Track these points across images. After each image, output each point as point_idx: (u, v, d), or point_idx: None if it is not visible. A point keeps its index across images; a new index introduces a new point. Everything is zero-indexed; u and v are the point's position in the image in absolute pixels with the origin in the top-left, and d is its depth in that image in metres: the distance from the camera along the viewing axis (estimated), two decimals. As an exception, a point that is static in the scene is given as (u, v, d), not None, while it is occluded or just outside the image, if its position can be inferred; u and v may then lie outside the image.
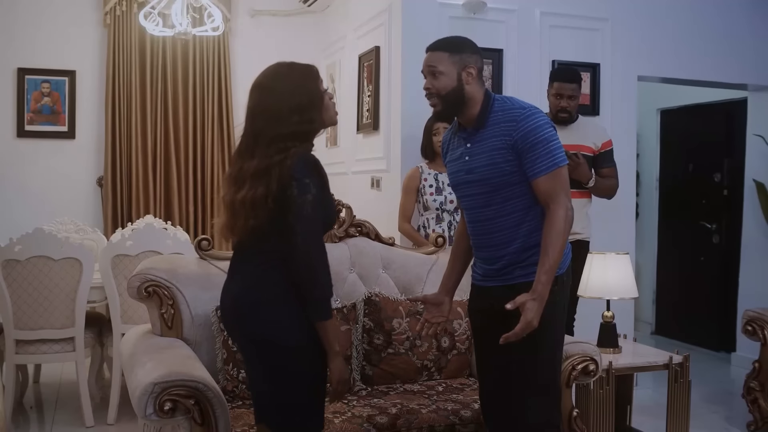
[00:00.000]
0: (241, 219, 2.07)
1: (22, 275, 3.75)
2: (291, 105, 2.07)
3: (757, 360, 3.84)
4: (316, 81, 2.15)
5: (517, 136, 2.22)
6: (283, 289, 2.07)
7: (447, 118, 2.37)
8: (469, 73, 2.29)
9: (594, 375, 2.80)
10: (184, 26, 4.79)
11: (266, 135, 2.06)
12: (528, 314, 2.13)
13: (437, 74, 2.30)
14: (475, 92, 2.31)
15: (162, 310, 2.80)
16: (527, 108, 2.28)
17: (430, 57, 2.34)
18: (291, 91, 2.09)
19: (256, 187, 2.03)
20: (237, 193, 2.07)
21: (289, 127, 2.06)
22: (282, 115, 2.06)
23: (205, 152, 5.93)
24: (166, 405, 2.21)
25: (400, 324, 3.03)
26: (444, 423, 2.67)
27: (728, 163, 5.94)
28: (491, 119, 2.28)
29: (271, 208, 2.02)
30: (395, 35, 4.41)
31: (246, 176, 2.06)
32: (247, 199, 2.04)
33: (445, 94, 2.30)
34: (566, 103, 3.74)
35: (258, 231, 2.07)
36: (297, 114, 2.06)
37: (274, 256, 2.07)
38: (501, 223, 2.29)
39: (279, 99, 2.08)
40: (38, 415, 4.21)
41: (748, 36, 5.02)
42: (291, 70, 2.14)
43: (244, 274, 2.14)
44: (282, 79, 2.12)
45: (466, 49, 2.33)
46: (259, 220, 2.04)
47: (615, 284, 3.35)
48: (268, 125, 2.07)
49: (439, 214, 3.85)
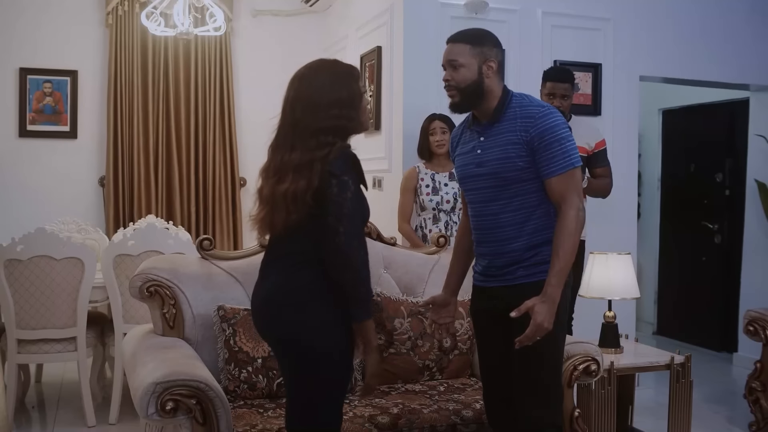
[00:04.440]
0: (282, 212, 2.04)
1: (24, 275, 3.75)
2: (331, 98, 2.05)
3: (759, 360, 3.84)
4: (357, 81, 2.14)
5: (534, 133, 2.22)
6: (313, 290, 2.05)
7: (464, 110, 2.36)
8: (490, 67, 2.29)
9: (595, 375, 2.80)
10: (186, 26, 4.79)
11: (306, 127, 2.04)
12: (538, 317, 2.13)
13: (458, 66, 2.28)
14: (494, 86, 2.30)
15: (164, 310, 2.81)
16: (545, 107, 2.29)
17: (451, 49, 2.32)
18: (332, 84, 2.07)
19: (298, 180, 2.00)
20: (278, 185, 2.04)
21: (328, 120, 2.03)
22: (321, 107, 2.04)
23: (206, 152, 5.93)
24: (167, 405, 2.22)
25: (401, 324, 3.03)
26: (445, 423, 2.67)
27: (730, 163, 5.93)
28: (508, 114, 2.28)
29: (310, 204, 2.00)
30: (397, 35, 4.42)
31: (288, 169, 2.03)
32: (289, 192, 2.01)
33: (465, 86, 2.29)
34: (559, 103, 3.74)
35: (295, 227, 2.05)
36: (336, 108, 2.04)
37: (306, 257, 2.06)
38: (506, 219, 2.28)
39: (319, 90, 2.06)
40: (40, 415, 4.21)
41: (750, 36, 5.02)
42: (334, 65, 2.15)
43: (275, 275, 2.12)
44: (324, 72, 2.11)
45: (488, 42, 2.32)
46: (300, 215, 2.02)
47: (617, 284, 3.35)
48: (306, 116, 2.05)
49: (436, 215, 3.85)
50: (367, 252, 2.05)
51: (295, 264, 2.08)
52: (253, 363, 2.76)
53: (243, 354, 2.76)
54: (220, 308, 2.81)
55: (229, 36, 5.95)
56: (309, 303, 2.06)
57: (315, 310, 2.05)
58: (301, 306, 2.06)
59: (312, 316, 2.05)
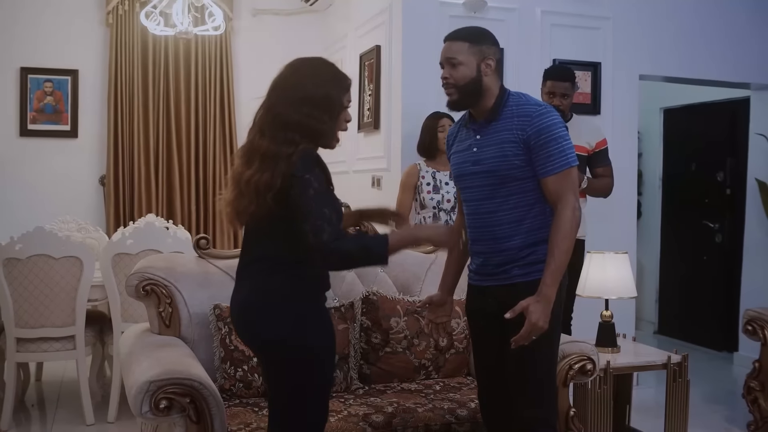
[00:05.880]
0: (245, 200, 2.03)
1: (23, 274, 3.77)
2: (306, 94, 2.03)
3: (758, 360, 3.83)
4: (341, 89, 2.10)
5: (530, 132, 2.22)
6: (288, 292, 2.05)
7: (462, 108, 2.35)
8: (488, 65, 2.29)
9: (591, 374, 2.79)
10: (185, 25, 4.80)
11: (277, 115, 2.03)
12: (532, 316, 2.13)
13: (456, 64, 2.28)
14: (492, 84, 2.30)
15: (160, 309, 2.81)
16: (542, 105, 2.29)
17: (449, 47, 2.31)
18: (313, 82, 2.05)
19: (262, 171, 1.99)
20: (245, 168, 2.03)
21: (297, 116, 2.02)
22: (294, 100, 2.03)
23: (207, 151, 5.94)
24: (161, 403, 2.22)
25: (398, 323, 3.03)
26: (440, 422, 2.66)
27: (731, 162, 5.91)
28: (505, 112, 2.28)
29: (271, 206, 1.99)
30: (396, 34, 4.42)
31: (255, 154, 2.02)
32: (252, 181, 2.00)
33: (464, 84, 2.28)
34: (559, 102, 3.73)
35: (262, 225, 2.05)
36: (308, 106, 2.02)
37: (279, 259, 2.06)
38: (502, 218, 2.28)
39: (298, 83, 2.05)
40: (39, 413, 4.22)
41: (750, 34, 5.00)
42: (325, 66, 2.13)
43: (249, 281, 2.12)
44: (312, 69, 2.10)
45: (486, 40, 2.32)
46: (261, 210, 2.01)
47: (613, 284, 3.34)
48: (279, 104, 2.04)
49: (436, 213, 3.85)
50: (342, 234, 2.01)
51: (269, 267, 2.08)
52: (248, 362, 2.76)
53: (239, 353, 2.76)
54: (216, 307, 2.82)
55: (229, 35, 5.96)
56: (286, 305, 2.06)
57: (294, 311, 2.05)
58: (279, 308, 2.06)
59: (291, 317, 2.05)
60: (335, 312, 2.92)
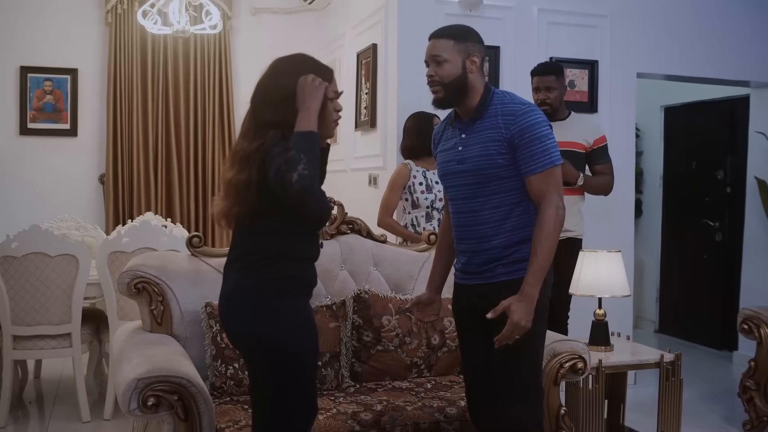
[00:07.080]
0: (230, 202, 2.05)
1: (19, 272, 3.78)
2: (289, 92, 2.02)
3: (753, 359, 3.81)
4: None
5: (514, 131, 2.21)
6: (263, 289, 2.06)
7: (447, 106, 2.35)
8: (473, 62, 2.29)
9: (582, 373, 2.79)
10: (182, 24, 4.81)
11: (258, 116, 2.04)
12: (514, 316, 2.13)
13: (441, 62, 2.28)
14: (477, 82, 2.30)
15: (151, 307, 2.82)
16: (526, 104, 2.28)
17: (434, 45, 2.31)
18: (296, 79, 2.03)
19: (240, 171, 2.00)
20: (228, 170, 2.05)
21: (279, 116, 2.01)
22: (276, 100, 2.03)
23: (206, 150, 5.96)
24: (149, 400, 2.22)
25: (389, 321, 3.03)
26: (429, 420, 2.66)
27: (731, 160, 5.89)
28: (489, 111, 2.28)
29: (254, 202, 2.00)
30: (392, 33, 4.41)
31: (236, 157, 2.04)
32: (232, 182, 2.02)
33: (449, 81, 2.28)
34: (545, 96, 3.72)
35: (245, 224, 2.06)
36: (291, 104, 2.01)
37: (260, 255, 2.07)
38: (486, 216, 2.28)
39: (278, 83, 2.05)
40: (37, 410, 4.24)
41: (749, 32, 4.98)
42: (305, 62, 2.11)
43: (230, 277, 2.13)
44: (292, 65, 2.09)
45: (471, 37, 2.32)
46: (243, 209, 2.02)
47: (606, 282, 3.33)
48: (260, 106, 2.06)
49: (429, 212, 3.84)
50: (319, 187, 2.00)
51: (249, 263, 2.09)
52: (239, 359, 2.76)
53: (230, 350, 2.76)
54: (208, 305, 2.82)
55: (228, 34, 5.97)
56: (264, 301, 2.06)
57: (270, 307, 2.05)
58: (255, 304, 2.06)
59: (267, 313, 2.05)
60: (326, 310, 2.93)
